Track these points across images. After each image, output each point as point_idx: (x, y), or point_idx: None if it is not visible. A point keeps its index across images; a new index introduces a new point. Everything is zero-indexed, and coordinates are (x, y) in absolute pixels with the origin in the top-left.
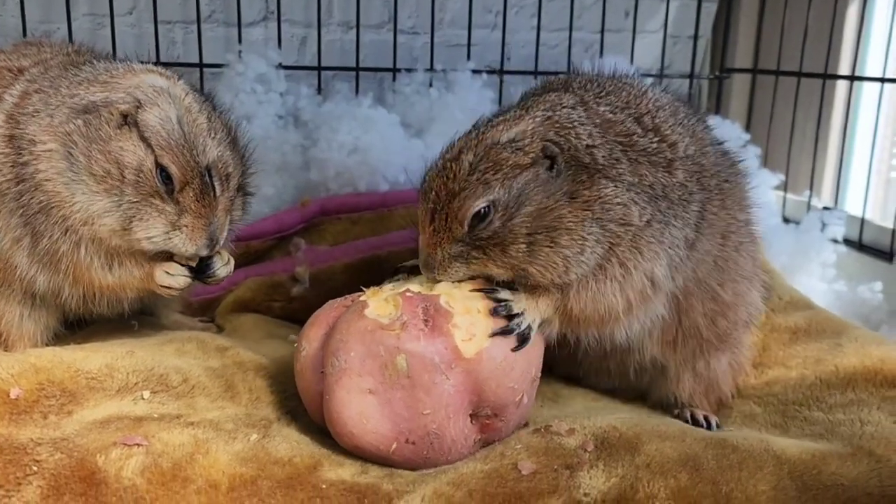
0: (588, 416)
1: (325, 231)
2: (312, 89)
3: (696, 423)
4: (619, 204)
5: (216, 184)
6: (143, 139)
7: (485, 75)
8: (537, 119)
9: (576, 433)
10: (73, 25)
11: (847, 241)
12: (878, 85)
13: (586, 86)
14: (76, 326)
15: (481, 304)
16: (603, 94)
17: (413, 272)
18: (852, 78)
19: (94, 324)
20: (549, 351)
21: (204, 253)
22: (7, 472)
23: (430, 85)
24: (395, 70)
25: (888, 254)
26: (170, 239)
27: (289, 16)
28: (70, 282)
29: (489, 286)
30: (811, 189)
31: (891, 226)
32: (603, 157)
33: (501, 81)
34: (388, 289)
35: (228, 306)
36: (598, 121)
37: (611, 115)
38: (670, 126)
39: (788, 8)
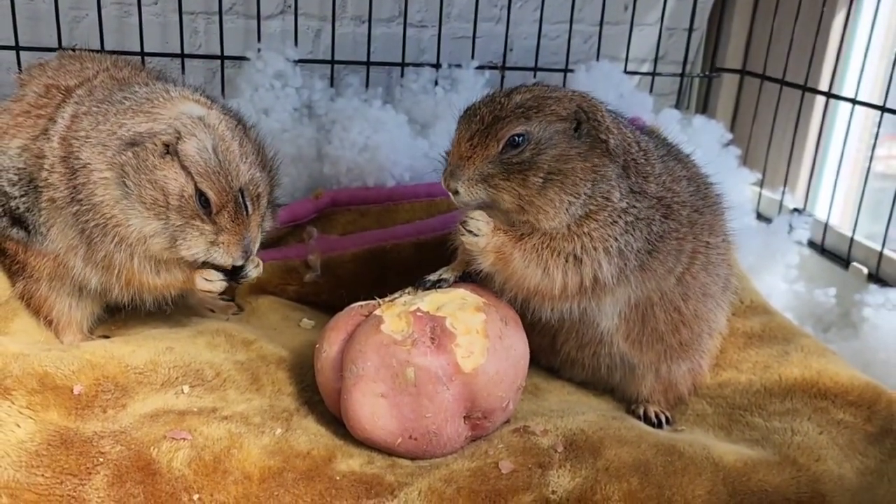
0: (561, 415)
1: (336, 221)
2: (325, 82)
3: (648, 419)
4: (611, 180)
5: (248, 203)
6: (184, 168)
7: (487, 73)
8: (575, 94)
9: (549, 434)
10: (102, 13)
11: (811, 244)
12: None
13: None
14: (114, 310)
15: (480, 325)
16: (614, 114)
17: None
18: (828, 95)
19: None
20: (531, 342)
21: (239, 263)
22: (80, 463)
23: (436, 84)
24: (403, 65)
25: (845, 261)
26: (210, 254)
27: (304, 9)
28: (122, 283)
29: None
30: (784, 190)
31: (850, 235)
32: (613, 143)
33: (503, 77)
34: (400, 303)
35: (247, 287)
36: (613, 118)
37: (621, 128)
38: (652, 154)
39: (778, 14)
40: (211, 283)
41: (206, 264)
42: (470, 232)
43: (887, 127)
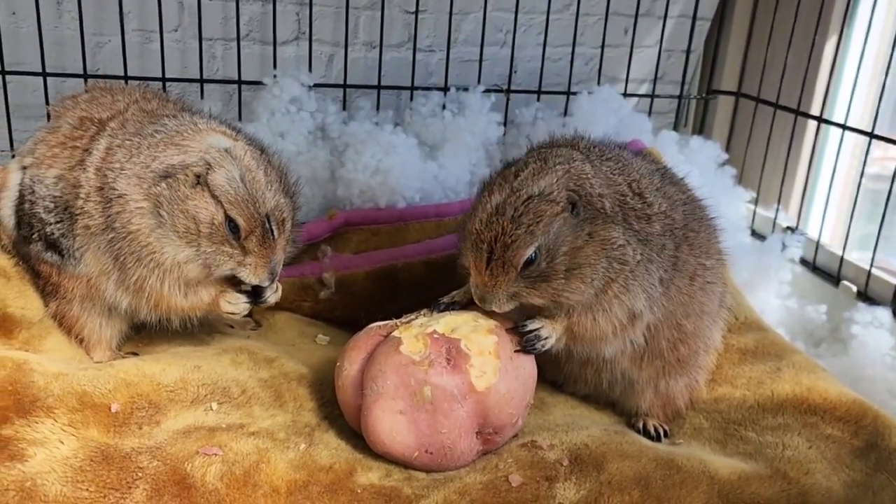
0: (566, 429)
1: (349, 240)
2: (338, 105)
3: (647, 433)
4: (621, 245)
5: (274, 228)
6: (214, 197)
7: (493, 97)
8: (559, 172)
9: (555, 448)
10: (125, 39)
11: (803, 262)
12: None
13: (590, 148)
14: (140, 328)
15: (492, 346)
16: (603, 158)
17: (445, 308)
18: (820, 119)
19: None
20: (538, 358)
21: (266, 284)
22: (120, 478)
23: (444, 108)
24: (412, 88)
25: (836, 279)
26: (238, 272)
27: (318, 35)
28: (151, 305)
29: (513, 322)
30: (777, 209)
31: (840, 254)
32: (609, 206)
33: (508, 99)
34: (416, 325)
35: None
36: (602, 177)
37: (611, 175)
38: (649, 191)
39: (772, 39)
40: (234, 306)
41: (231, 283)
42: (541, 341)
43: (881, 131)
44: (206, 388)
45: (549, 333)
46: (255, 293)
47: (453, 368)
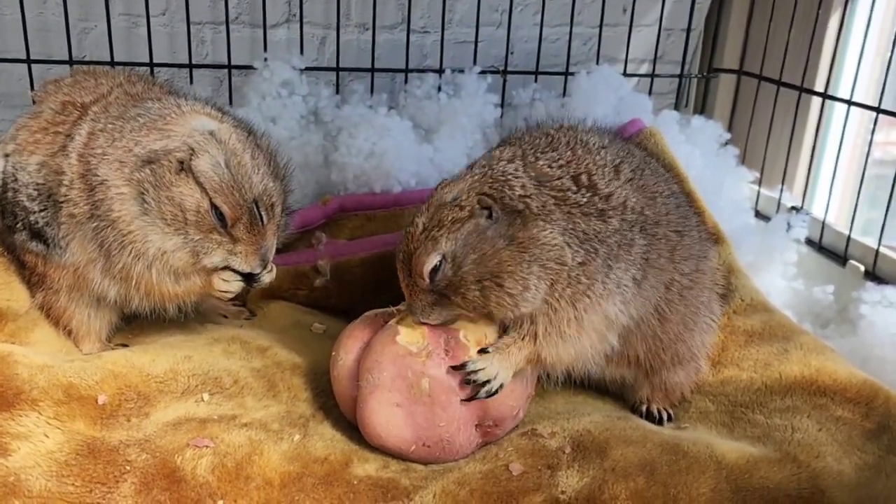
0: (568, 416)
1: (344, 226)
2: (331, 89)
3: (650, 416)
4: (554, 245)
5: (263, 214)
6: (199, 184)
7: (489, 78)
8: (475, 176)
9: (557, 436)
10: (111, 24)
11: (809, 242)
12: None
13: (534, 141)
14: (131, 318)
15: (493, 337)
16: (547, 149)
17: None
18: (824, 96)
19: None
20: None
21: (258, 271)
22: (107, 472)
23: (439, 90)
24: (406, 71)
25: (842, 258)
26: (229, 261)
27: (309, 17)
28: (141, 294)
29: (467, 358)
30: (781, 189)
31: (847, 233)
32: (537, 206)
33: (504, 81)
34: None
35: (258, 292)
36: (532, 174)
37: (548, 170)
38: (607, 182)
39: (774, 15)
40: (228, 284)
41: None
42: (485, 383)
43: (887, 106)
44: (196, 379)
45: (492, 374)
46: (249, 274)
47: (451, 360)
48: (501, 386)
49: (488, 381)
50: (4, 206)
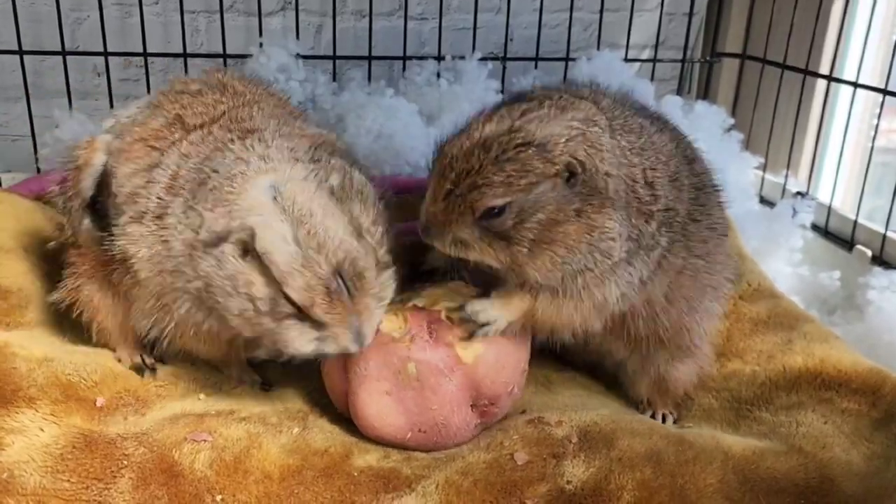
0: (575, 409)
1: None
2: (328, 76)
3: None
4: (612, 238)
5: (350, 285)
6: (265, 269)
7: (490, 65)
8: (573, 130)
9: (563, 425)
10: (104, 14)
11: (815, 227)
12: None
13: (614, 112)
14: None
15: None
16: (626, 129)
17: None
18: (829, 78)
19: None
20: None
21: (354, 350)
22: (104, 466)
23: (439, 76)
24: (405, 58)
25: (849, 243)
26: (321, 349)
27: (305, 5)
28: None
29: (463, 297)
30: (787, 174)
31: (854, 217)
32: (614, 188)
33: (504, 67)
34: (396, 301)
35: None
36: (618, 153)
37: (629, 155)
38: (661, 182)
39: None
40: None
41: None
42: (481, 328)
43: (889, 103)
44: (196, 384)
45: (492, 318)
46: None
47: (436, 342)
48: (492, 325)
49: (487, 324)
50: (96, 201)
